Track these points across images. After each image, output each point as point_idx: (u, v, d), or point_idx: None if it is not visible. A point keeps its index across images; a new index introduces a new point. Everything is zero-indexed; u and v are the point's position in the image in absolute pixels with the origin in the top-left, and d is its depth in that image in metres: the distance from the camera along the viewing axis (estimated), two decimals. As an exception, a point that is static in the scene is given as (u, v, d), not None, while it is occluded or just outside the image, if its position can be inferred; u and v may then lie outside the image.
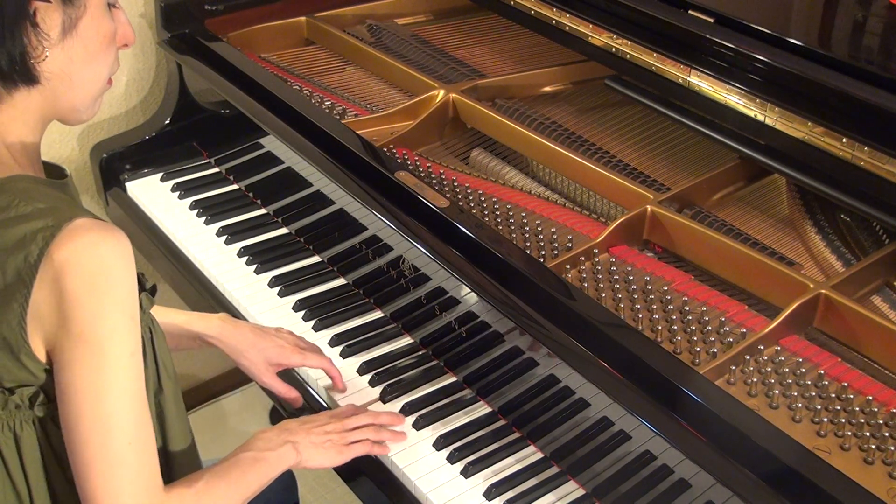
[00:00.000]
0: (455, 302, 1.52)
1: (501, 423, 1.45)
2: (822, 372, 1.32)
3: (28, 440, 1.16)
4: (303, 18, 2.15)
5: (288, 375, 1.54)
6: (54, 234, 1.07)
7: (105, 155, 2.03)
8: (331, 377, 1.51)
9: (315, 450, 1.34)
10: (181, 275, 1.82)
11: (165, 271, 1.91)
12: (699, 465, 1.16)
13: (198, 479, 1.21)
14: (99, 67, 1.20)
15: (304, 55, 2.11)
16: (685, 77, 1.58)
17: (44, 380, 1.13)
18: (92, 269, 1.07)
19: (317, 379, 1.53)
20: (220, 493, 1.22)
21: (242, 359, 1.49)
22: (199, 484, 1.20)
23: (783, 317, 1.36)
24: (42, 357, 1.11)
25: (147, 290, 1.22)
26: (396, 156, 1.75)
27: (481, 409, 1.48)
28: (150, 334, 1.21)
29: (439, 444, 1.42)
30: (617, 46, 1.68)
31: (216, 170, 2.03)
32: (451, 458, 1.40)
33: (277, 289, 1.71)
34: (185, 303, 1.94)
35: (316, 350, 1.54)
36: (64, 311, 1.07)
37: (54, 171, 1.27)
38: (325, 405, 1.51)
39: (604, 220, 1.63)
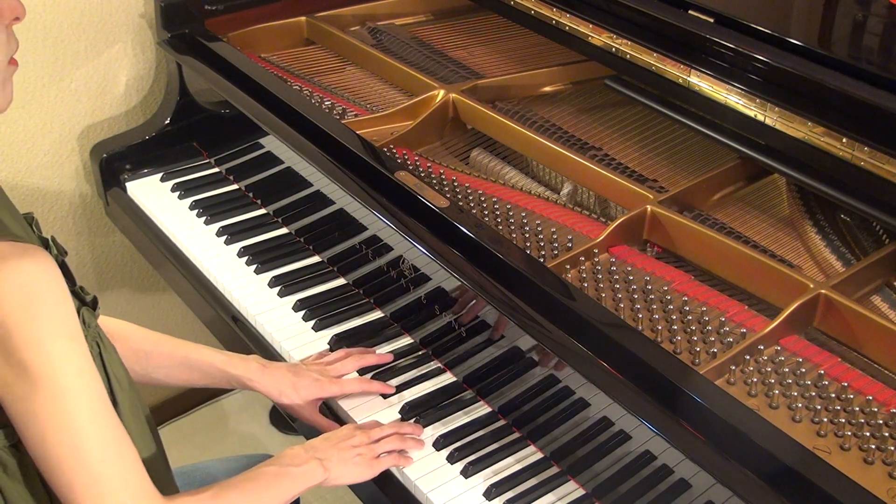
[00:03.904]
0: (455, 302, 1.52)
1: (501, 423, 1.45)
2: (822, 372, 1.32)
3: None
4: (303, 18, 2.15)
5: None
6: None
7: (105, 155, 2.03)
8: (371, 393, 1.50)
9: (345, 466, 1.32)
10: (181, 275, 1.82)
11: (166, 272, 1.91)
12: (699, 465, 1.16)
13: (206, 490, 1.17)
14: None
15: (304, 55, 2.11)
16: (685, 77, 1.58)
17: None
18: (18, 299, 1.03)
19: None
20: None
21: (283, 399, 1.46)
22: (205, 494, 1.16)
23: (783, 317, 1.36)
24: None
25: (88, 304, 1.19)
26: (396, 156, 1.75)
27: (481, 409, 1.48)
28: (99, 349, 1.17)
29: (439, 444, 1.41)
30: (617, 46, 1.68)
31: (216, 170, 2.03)
32: (451, 458, 1.40)
33: (277, 289, 1.71)
34: (184, 303, 1.94)
35: (350, 361, 1.51)
36: (1, 344, 1.03)
37: None
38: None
39: (604, 220, 1.63)
